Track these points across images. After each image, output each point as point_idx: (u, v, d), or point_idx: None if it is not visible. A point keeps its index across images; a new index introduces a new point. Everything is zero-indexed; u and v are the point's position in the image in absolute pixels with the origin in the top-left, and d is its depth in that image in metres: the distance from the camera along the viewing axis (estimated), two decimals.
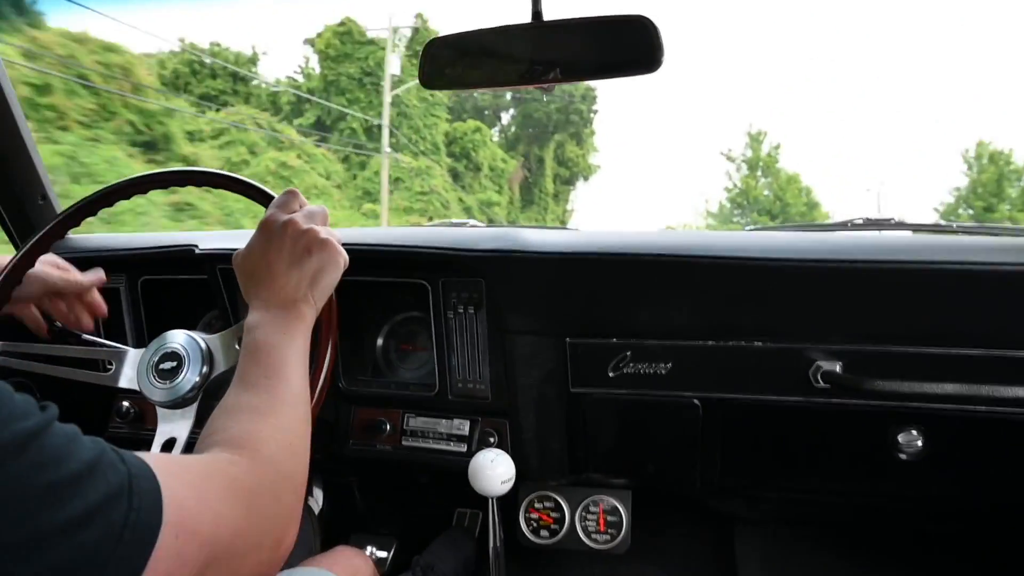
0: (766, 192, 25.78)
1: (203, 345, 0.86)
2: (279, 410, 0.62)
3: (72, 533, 0.38)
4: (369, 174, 16.01)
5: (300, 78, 18.30)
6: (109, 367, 0.91)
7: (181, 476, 0.48)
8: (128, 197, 0.91)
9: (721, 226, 24.83)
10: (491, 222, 17.29)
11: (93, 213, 0.92)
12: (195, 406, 0.85)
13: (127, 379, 0.89)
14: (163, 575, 0.42)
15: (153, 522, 0.42)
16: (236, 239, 1.12)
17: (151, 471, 0.44)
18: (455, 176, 18.83)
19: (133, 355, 0.90)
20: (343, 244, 0.77)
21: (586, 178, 25.76)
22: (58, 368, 0.94)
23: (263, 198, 0.85)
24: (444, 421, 1.15)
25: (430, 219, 14.57)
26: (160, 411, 0.86)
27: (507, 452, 1.03)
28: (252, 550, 0.52)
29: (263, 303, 0.70)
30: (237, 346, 0.85)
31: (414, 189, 16.22)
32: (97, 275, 0.97)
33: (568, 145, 23.94)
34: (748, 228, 1.41)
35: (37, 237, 0.89)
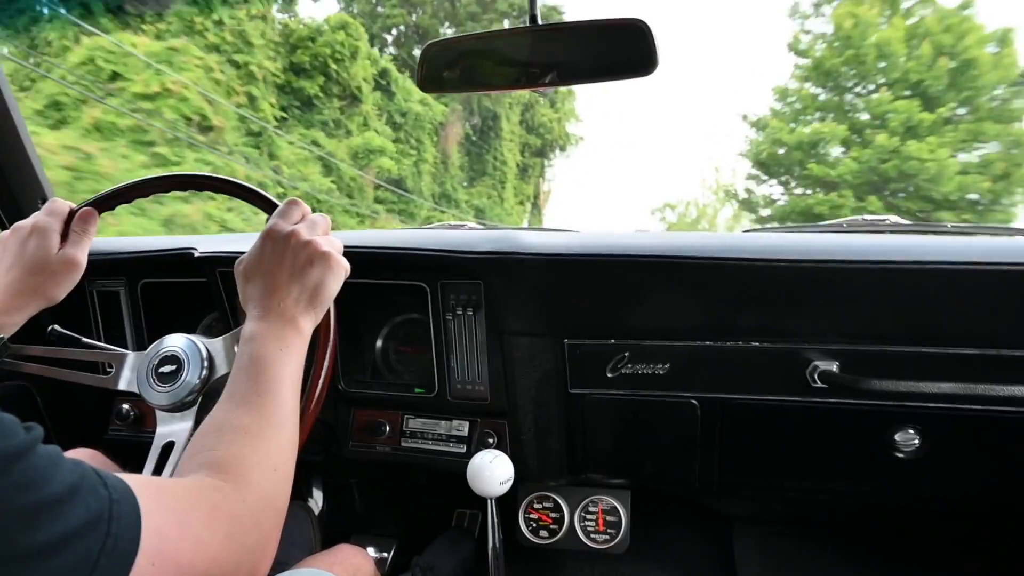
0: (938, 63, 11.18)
1: (203, 349, 0.87)
2: (268, 433, 0.62)
3: (47, 557, 0.38)
4: (63, 73, 8.46)
5: None
6: (109, 370, 0.92)
7: (164, 502, 0.48)
8: (130, 201, 0.92)
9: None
10: (377, 185, 12.00)
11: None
12: (194, 409, 0.85)
13: (127, 382, 0.90)
14: None
15: (130, 549, 0.42)
16: (235, 242, 1.13)
17: (133, 496, 0.44)
18: (306, 103, 11.49)
19: (133, 358, 0.91)
20: (344, 247, 0.78)
21: (563, 148, 20.32)
22: (58, 370, 0.94)
23: (267, 206, 0.85)
24: (443, 422, 1.16)
25: (150, 143, 8.21)
26: (159, 414, 0.87)
27: (506, 453, 1.03)
28: None
29: (262, 314, 0.70)
30: (237, 350, 0.85)
31: (131, 89, 8.61)
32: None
33: (539, 107, 18.53)
34: (744, 230, 1.42)
35: None
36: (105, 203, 0.90)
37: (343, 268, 0.75)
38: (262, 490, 0.58)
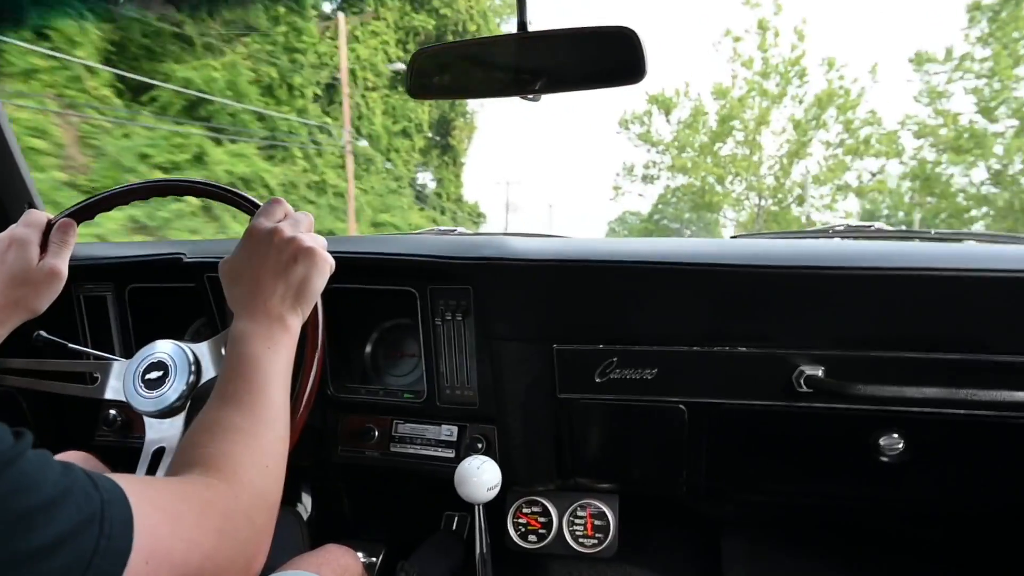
0: None
1: (190, 354, 0.86)
2: (258, 430, 0.62)
3: (41, 559, 0.39)
4: None
5: None
6: (95, 379, 0.91)
7: (156, 501, 0.48)
8: (109, 209, 0.90)
9: None
10: None
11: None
12: (183, 415, 0.85)
13: (113, 391, 0.89)
14: None
15: (123, 548, 0.43)
16: (224, 247, 1.13)
17: (124, 496, 0.45)
18: None
19: (119, 366, 0.90)
20: (332, 252, 0.78)
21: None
22: (43, 382, 0.93)
23: (249, 206, 0.85)
24: (432, 427, 1.16)
25: None
26: (148, 420, 0.86)
27: (495, 458, 1.04)
28: (222, 573, 0.52)
29: (249, 313, 0.70)
30: (224, 353, 0.85)
31: None
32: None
33: None
34: (732, 236, 1.43)
35: None
36: (84, 212, 0.89)
37: (328, 263, 0.75)
38: (254, 486, 0.58)
